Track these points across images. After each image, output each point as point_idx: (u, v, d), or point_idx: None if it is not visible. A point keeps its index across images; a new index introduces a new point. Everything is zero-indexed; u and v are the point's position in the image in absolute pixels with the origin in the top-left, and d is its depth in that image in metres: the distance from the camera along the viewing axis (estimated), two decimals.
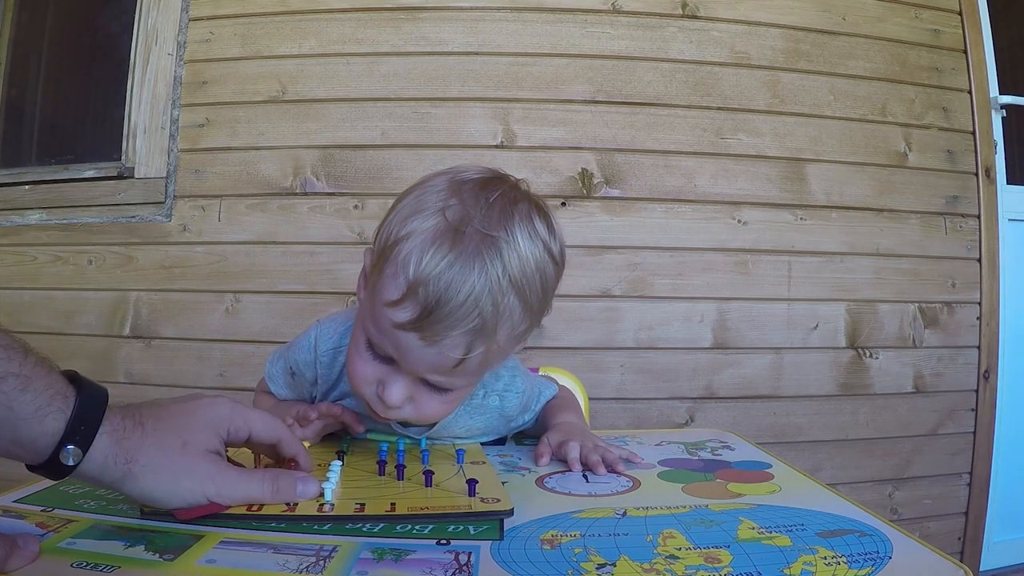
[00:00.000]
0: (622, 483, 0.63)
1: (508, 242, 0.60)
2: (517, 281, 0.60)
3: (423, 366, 0.62)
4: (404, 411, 0.66)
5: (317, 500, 0.53)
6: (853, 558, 0.44)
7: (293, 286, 1.65)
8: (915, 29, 1.81)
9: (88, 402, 0.46)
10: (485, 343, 0.60)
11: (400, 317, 0.59)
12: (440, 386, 0.64)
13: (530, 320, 0.64)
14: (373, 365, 0.65)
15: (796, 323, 1.72)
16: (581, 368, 1.59)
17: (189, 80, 1.72)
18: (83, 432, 0.45)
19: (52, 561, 0.43)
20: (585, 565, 0.43)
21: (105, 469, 0.47)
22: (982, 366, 1.81)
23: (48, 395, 0.44)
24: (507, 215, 0.61)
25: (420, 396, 0.65)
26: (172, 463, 0.49)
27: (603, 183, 1.67)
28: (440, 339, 0.58)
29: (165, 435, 0.50)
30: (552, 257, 0.66)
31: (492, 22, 1.68)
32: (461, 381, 0.65)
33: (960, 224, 1.81)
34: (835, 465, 1.73)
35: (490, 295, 0.58)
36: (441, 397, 0.66)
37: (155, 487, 0.48)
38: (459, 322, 0.58)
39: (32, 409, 0.43)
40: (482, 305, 0.58)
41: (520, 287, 0.60)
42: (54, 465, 0.45)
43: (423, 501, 0.53)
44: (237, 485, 0.51)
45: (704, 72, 1.71)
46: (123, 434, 0.48)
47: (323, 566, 0.43)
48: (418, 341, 0.59)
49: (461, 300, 0.57)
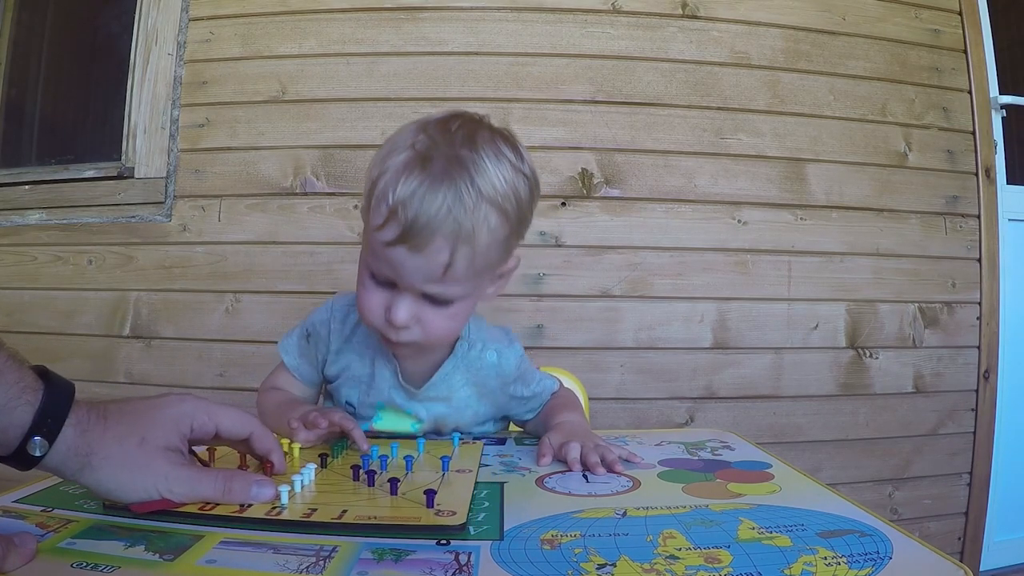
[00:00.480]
0: (622, 483, 0.63)
1: (474, 160, 0.67)
2: (487, 191, 0.67)
3: (418, 277, 0.68)
4: (413, 332, 0.72)
5: (271, 503, 0.53)
6: (853, 558, 0.44)
7: (293, 286, 1.65)
8: (915, 29, 1.81)
9: (55, 396, 0.48)
10: (466, 246, 0.66)
11: (388, 236, 0.66)
12: (439, 298, 0.70)
13: (509, 227, 0.70)
14: (378, 293, 0.72)
15: (796, 323, 1.72)
16: (581, 368, 1.59)
17: (189, 80, 1.72)
18: (50, 425, 0.47)
19: (52, 561, 0.43)
20: (585, 565, 0.43)
21: (66, 460, 0.48)
22: (982, 366, 1.81)
23: (18, 388, 0.46)
24: (470, 140, 0.69)
25: (424, 315, 0.71)
26: (128, 458, 0.51)
27: (603, 183, 1.67)
28: (425, 246, 0.65)
29: (125, 430, 0.51)
30: (520, 172, 0.72)
31: (492, 22, 1.68)
32: (456, 289, 0.70)
33: (960, 224, 1.81)
34: (835, 465, 1.73)
35: (461, 203, 0.65)
36: (444, 312, 0.72)
37: (110, 480, 0.50)
38: (438, 228, 0.65)
39: (3, 401, 0.45)
40: (455, 212, 0.65)
41: (491, 196, 0.67)
42: (21, 455, 0.47)
43: (375, 510, 0.52)
44: (189, 483, 0.52)
45: (704, 72, 1.71)
46: (87, 426, 0.49)
47: (323, 566, 0.43)
48: (407, 253, 0.66)
49: (435, 210, 0.64)
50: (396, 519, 0.51)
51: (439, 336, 0.75)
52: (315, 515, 0.51)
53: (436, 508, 0.52)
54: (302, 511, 0.52)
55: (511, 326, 0.93)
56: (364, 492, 0.57)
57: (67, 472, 0.49)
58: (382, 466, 0.63)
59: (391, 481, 0.57)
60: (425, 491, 0.53)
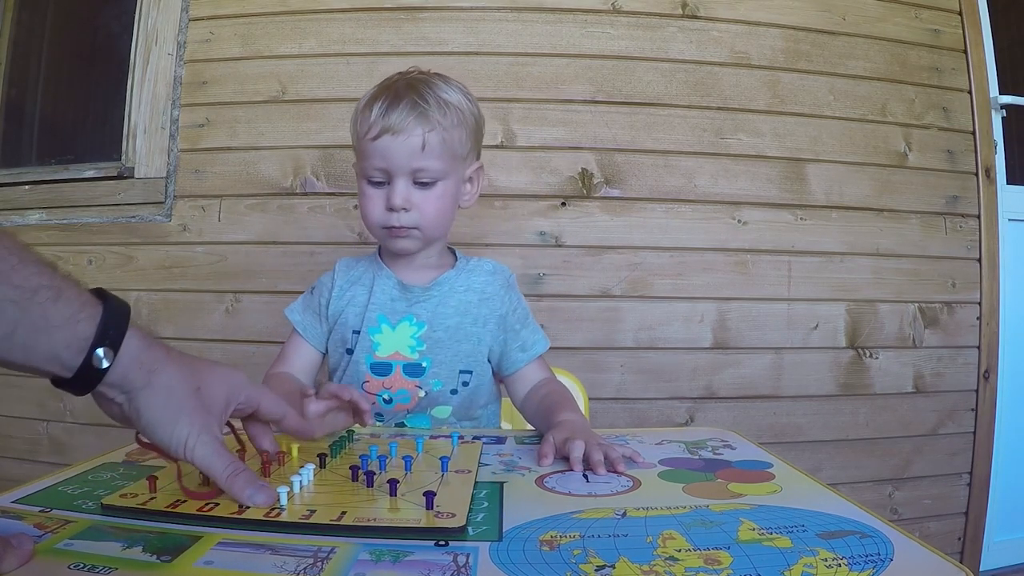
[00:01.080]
0: (622, 483, 0.63)
1: (426, 81, 0.90)
2: (442, 96, 0.88)
3: (403, 155, 0.85)
4: (412, 215, 0.87)
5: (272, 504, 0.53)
6: (854, 560, 0.44)
7: (293, 286, 1.65)
8: (915, 29, 1.81)
9: (115, 310, 0.49)
10: (435, 127, 0.85)
11: (374, 132, 0.86)
12: (424, 177, 0.87)
13: (466, 126, 0.89)
14: (375, 194, 0.88)
15: (796, 323, 1.72)
16: (581, 368, 1.59)
17: (189, 80, 1.72)
18: (112, 336, 0.48)
19: (50, 562, 0.43)
20: (584, 567, 0.43)
21: (129, 372, 0.49)
22: (982, 366, 1.80)
23: (79, 303, 0.47)
24: (422, 75, 0.92)
25: (416, 198, 0.87)
26: (183, 396, 0.52)
27: (603, 183, 1.67)
28: (402, 130, 0.85)
29: (187, 372, 0.53)
30: (466, 94, 0.92)
31: (492, 22, 1.67)
32: (436, 165, 0.87)
33: (960, 224, 1.81)
34: (835, 465, 1.73)
35: (422, 97, 0.86)
36: (431, 193, 0.88)
37: (161, 408, 0.51)
38: (409, 115, 0.85)
39: (65, 316, 0.46)
40: (420, 105, 0.85)
41: (445, 99, 0.88)
42: (85, 372, 0.47)
43: (375, 512, 0.52)
44: (210, 452, 0.53)
45: (704, 72, 1.71)
46: (149, 343, 0.51)
47: (321, 567, 0.43)
48: (391, 138, 0.85)
49: (403, 104, 0.85)
50: (395, 521, 0.50)
51: (433, 217, 0.88)
52: (314, 516, 0.51)
53: (436, 510, 0.52)
54: (301, 512, 0.52)
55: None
56: (363, 493, 0.57)
57: (129, 385, 0.49)
58: (381, 467, 0.63)
59: (390, 482, 0.56)
60: (424, 492, 0.53)
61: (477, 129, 0.93)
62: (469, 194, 0.95)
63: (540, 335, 0.97)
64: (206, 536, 0.47)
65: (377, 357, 0.91)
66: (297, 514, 0.51)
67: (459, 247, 1.02)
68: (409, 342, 0.91)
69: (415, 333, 0.91)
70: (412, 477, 0.61)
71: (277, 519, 0.51)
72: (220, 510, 0.51)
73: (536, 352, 0.96)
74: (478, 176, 0.96)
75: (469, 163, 0.93)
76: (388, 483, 0.57)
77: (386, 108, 0.86)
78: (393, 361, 0.91)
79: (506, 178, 1.66)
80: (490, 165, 1.65)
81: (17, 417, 1.73)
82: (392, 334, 0.91)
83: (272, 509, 0.52)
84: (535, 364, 0.96)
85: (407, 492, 0.56)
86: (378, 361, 0.91)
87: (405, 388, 0.91)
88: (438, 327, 0.91)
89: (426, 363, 0.91)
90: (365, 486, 0.58)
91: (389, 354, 0.91)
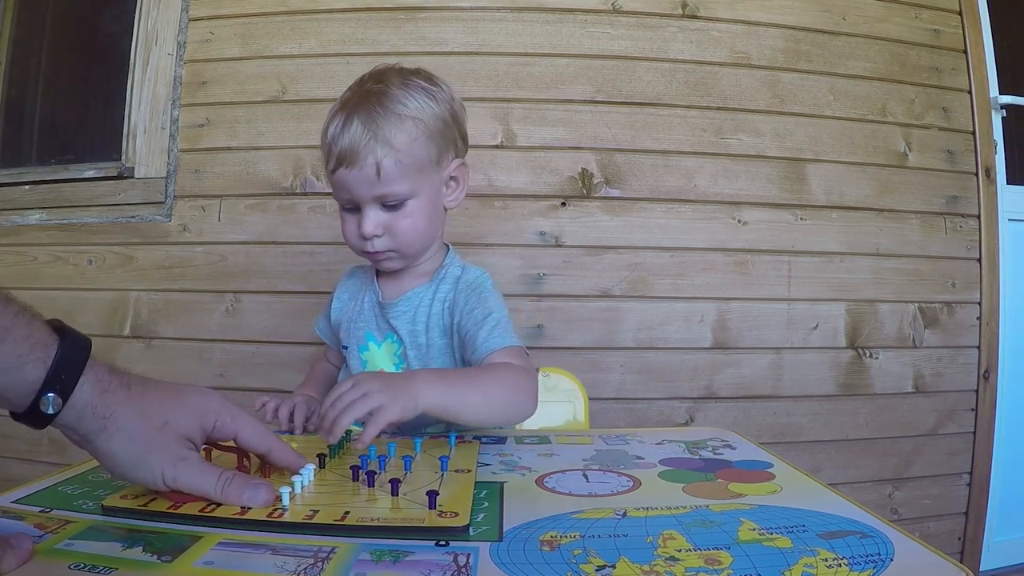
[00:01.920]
0: (622, 483, 0.63)
1: (382, 91, 0.84)
2: (395, 108, 0.83)
3: (364, 187, 0.83)
4: (384, 239, 0.86)
5: (273, 505, 0.53)
6: (854, 560, 0.44)
7: (293, 286, 1.65)
8: (915, 29, 1.81)
9: (70, 352, 0.47)
10: (387, 149, 0.81)
11: (331, 166, 0.85)
12: (390, 200, 0.84)
13: (426, 132, 0.84)
14: (350, 220, 0.87)
15: (796, 323, 1.72)
16: (581, 368, 1.59)
17: (189, 80, 1.72)
18: (63, 381, 0.46)
19: (50, 563, 0.43)
20: (584, 567, 0.43)
21: (83, 418, 0.47)
22: (982, 366, 1.80)
23: (28, 344, 0.45)
24: (379, 79, 0.87)
25: (387, 222, 0.85)
26: (147, 435, 0.50)
27: (603, 183, 1.67)
28: (355, 162, 0.82)
29: (149, 408, 0.51)
30: (430, 92, 0.87)
31: (492, 22, 1.67)
32: (399, 188, 0.84)
33: (960, 224, 1.81)
34: (835, 465, 1.73)
35: (373, 120, 0.82)
36: (401, 214, 0.85)
37: (123, 452, 0.49)
38: (358, 144, 0.81)
39: (12, 359, 0.44)
40: (370, 128, 0.81)
41: (399, 111, 0.83)
42: (35, 413, 0.46)
43: (377, 512, 0.52)
44: (194, 476, 0.52)
45: (704, 72, 1.71)
46: (107, 387, 0.48)
47: (321, 568, 0.43)
48: (347, 172, 0.83)
49: (353, 132, 0.82)
50: (398, 521, 0.50)
51: (407, 238, 0.86)
52: (317, 517, 0.51)
53: (438, 509, 0.52)
54: (304, 513, 0.52)
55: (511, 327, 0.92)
56: (364, 493, 0.57)
57: (84, 430, 0.48)
58: (381, 466, 0.63)
59: (392, 482, 0.56)
60: (427, 492, 0.53)
61: (447, 128, 0.88)
62: (454, 193, 0.92)
63: (499, 334, 0.84)
64: (206, 536, 0.47)
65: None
66: (300, 515, 0.51)
67: (459, 247, 1.02)
68: (393, 359, 0.91)
69: (396, 351, 0.91)
70: (412, 477, 0.61)
71: (280, 519, 0.51)
72: (222, 511, 0.51)
73: (490, 348, 0.83)
74: (462, 174, 0.92)
75: (445, 166, 0.89)
76: (389, 483, 0.57)
77: (338, 133, 0.83)
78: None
79: (506, 178, 1.66)
80: (490, 165, 1.65)
81: None
82: (378, 351, 0.92)
83: (275, 509, 0.52)
84: (497, 354, 0.83)
85: (408, 492, 0.56)
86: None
87: None
88: (412, 344, 0.90)
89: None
90: (366, 486, 0.58)
91: (376, 371, 0.90)
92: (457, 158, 0.91)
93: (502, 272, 1.62)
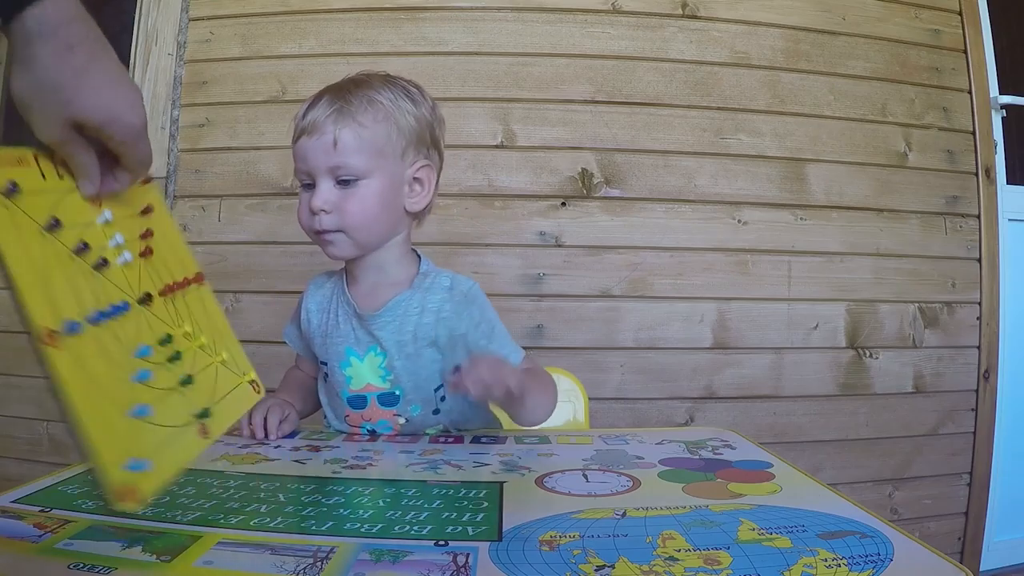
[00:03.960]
0: (622, 483, 0.63)
1: (361, 80, 0.87)
2: (369, 95, 0.84)
3: (319, 155, 0.82)
4: (333, 217, 0.83)
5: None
6: (854, 560, 0.44)
7: (293, 286, 1.65)
8: (915, 29, 1.81)
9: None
10: (350, 123, 0.82)
11: (294, 135, 0.85)
12: (345, 175, 0.83)
13: (395, 125, 0.85)
14: (304, 199, 0.86)
15: (796, 323, 1.72)
16: (581, 368, 1.59)
17: (189, 80, 1.72)
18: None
19: (49, 562, 0.43)
20: (584, 567, 0.43)
21: (69, 24, 0.46)
22: (982, 366, 1.80)
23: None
24: (361, 78, 0.88)
25: (337, 200, 0.83)
26: (123, 73, 0.50)
27: (603, 183, 1.67)
28: (315, 131, 0.82)
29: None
30: (408, 94, 0.88)
31: (492, 22, 1.67)
32: (353, 162, 0.82)
33: (960, 224, 1.81)
34: (835, 465, 1.73)
35: (342, 97, 0.83)
36: (354, 194, 0.83)
37: (107, 75, 0.48)
38: (324, 116, 0.82)
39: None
40: (337, 104, 0.83)
41: (372, 97, 0.84)
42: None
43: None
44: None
45: (704, 72, 1.71)
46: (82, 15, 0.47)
47: (320, 567, 0.43)
48: (306, 140, 0.83)
49: (321, 103, 0.84)
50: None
51: (355, 219, 0.84)
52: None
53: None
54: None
55: (512, 327, 0.93)
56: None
57: (62, 38, 0.46)
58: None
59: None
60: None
61: (419, 128, 0.87)
62: (418, 197, 0.88)
63: (510, 348, 0.89)
64: (206, 536, 0.47)
65: (352, 391, 0.88)
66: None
67: (460, 247, 1.02)
68: (378, 372, 0.87)
69: (381, 363, 0.87)
70: None
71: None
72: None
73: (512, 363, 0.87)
74: (428, 179, 0.89)
75: (409, 162, 0.87)
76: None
77: (307, 108, 0.85)
78: (367, 393, 0.88)
79: (506, 178, 1.66)
80: (490, 165, 1.65)
81: (17, 417, 1.73)
82: (361, 366, 0.88)
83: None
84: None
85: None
86: (353, 395, 0.88)
87: (384, 418, 0.88)
88: (398, 355, 0.86)
89: (399, 391, 0.87)
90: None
91: (362, 387, 0.88)
92: (426, 162, 0.89)
93: (502, 272, 1.63)
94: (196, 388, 0.51)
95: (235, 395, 0.59)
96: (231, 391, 0.59)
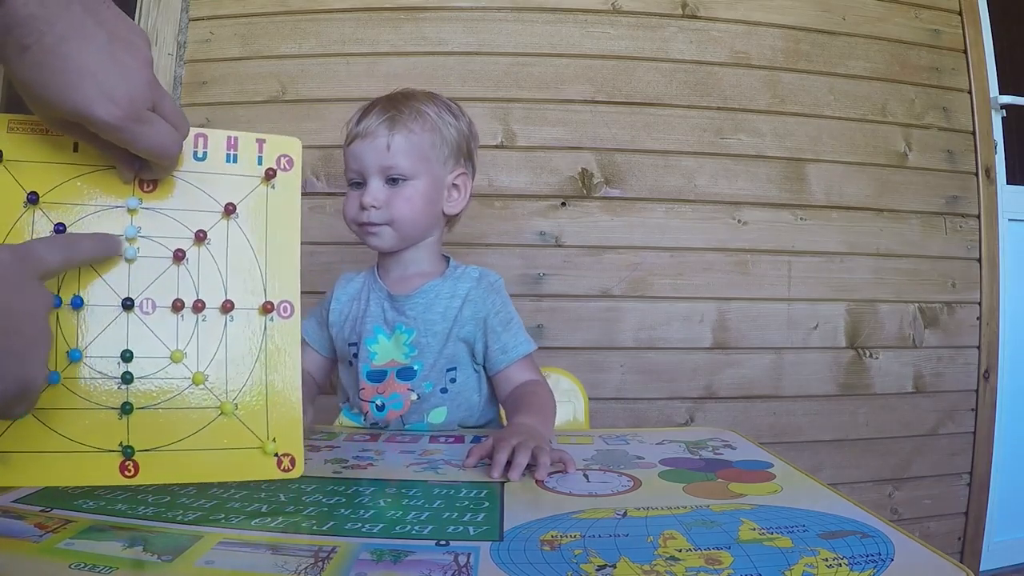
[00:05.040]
0: (622, 483, 0.63)
1: (408, 93, 0.97)
2: (417, 106, 0.94)
3: (372, 157, 0.91)
4: (382, 212, 0.92)
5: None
6: (855, 560, 0.44)
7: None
8: (915, 29, 1.81)
9: None
10: (402, 129, 0.92)
11: (348, 139, 0.95)
12: (395, 175, 0.92)
13: (440, 135, 0.94)
14: (353, 195, 0.94)
15: (796, 323, 1.72)
16: (581, 368, 1.59)
17: (189, 80, 1.72)
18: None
19: (50, 562, 0.43)
20: (585, 567, 0.43)
21: (25, 24, 0.44)
22: (982, 366, 1.80)
23: None
24: (405, 91, 0.98)
25: (388, 198, 0.92)
26: (103, 62, 0.48)
27: (603, 183, 1.67)
28: (370, 135, 0.91)
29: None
30: (449, 108, 0.98)
31: (492, 22, 1.67)
32: (404, 163, 0.91)
33: (960, 224, 1.81)
34: (835, 465, 1.73)
35: (396, 108, 0.93)
36: (402, 192, 0.92)
37: (71, 72, 0.47)
38: (378, 122, 0.92)
39: None
40: (390, 112, 0.92)
41: (420, 109, 0.94)
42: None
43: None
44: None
45: (704, 72, 1.71)
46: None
47: (322, 567, 0.43)
48: (360, 143, 0.92)
49: (376, 114, 0.92)
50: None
51: (403, 212, 0.92)
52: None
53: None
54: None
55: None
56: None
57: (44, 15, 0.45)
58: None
59: None
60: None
61: (460, 139, 0.97)
62: (455, 200, 0.98)
63: (523, 338, 0.97)
64: (206, 536, 0.47)
65: (374, 366, 0.94)
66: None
67: (459, 247, 1.03)
68: (403, 349, 0.93)
69: (407, 340, 0.93)
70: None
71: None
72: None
73: (517, 355, 0.95)
74: (464, 184, 0.99)
75: (449, 169, 0.97)
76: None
77: (360, 114, 0.94)
78: (388, 368, 0.94)
79: (506, 178, 1.66)
80: (490, 165, 1.65)
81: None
82: (388, 343, 0.94)
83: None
84: (518, 365, 0.95)
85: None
86: (374, 369, 0.94)
87: (397, 392, 0.93)
88: (426, 332, 0.93)
89: (417, 366, 0.93)
90: None
91: (385, 362, 0.94)
92: (463, 170, 0.98)
93: (502, 272, 1.60)
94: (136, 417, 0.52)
95: (229, 457, 0.57)
96: (222, 448, 0.57)
